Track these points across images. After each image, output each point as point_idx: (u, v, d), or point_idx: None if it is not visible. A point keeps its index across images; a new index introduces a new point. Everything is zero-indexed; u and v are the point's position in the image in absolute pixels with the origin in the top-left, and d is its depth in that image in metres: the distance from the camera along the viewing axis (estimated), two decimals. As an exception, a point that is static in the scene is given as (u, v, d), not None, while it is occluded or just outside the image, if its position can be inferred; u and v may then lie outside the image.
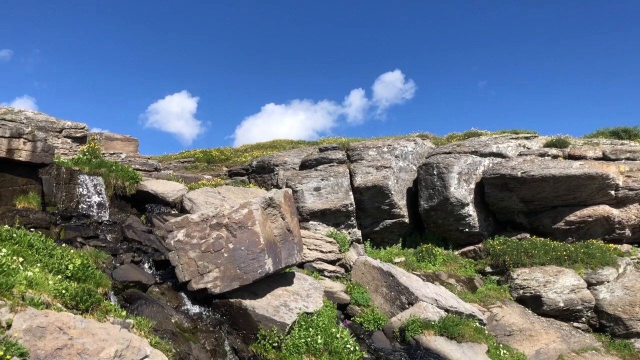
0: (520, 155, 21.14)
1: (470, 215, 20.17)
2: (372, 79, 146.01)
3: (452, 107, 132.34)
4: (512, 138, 22.64)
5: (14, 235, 9.40)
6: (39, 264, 8.61)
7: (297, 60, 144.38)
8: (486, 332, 14.49)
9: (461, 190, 20.11)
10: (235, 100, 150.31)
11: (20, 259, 8.33)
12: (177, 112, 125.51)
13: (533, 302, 17.25)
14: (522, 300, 17.41)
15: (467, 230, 20.41)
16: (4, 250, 8.28)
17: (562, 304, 16.99)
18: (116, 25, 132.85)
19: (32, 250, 9.16)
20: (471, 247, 20.42)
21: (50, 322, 5.95)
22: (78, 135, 21.95)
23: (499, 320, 16.08)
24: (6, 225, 9.88)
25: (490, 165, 20.79)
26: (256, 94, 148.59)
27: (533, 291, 17.27)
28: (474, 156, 20.97)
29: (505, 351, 13.99)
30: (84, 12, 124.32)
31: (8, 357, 5.10)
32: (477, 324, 14.46)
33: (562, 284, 17.22)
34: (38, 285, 7.56)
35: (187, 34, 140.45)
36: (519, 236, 20.08)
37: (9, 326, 5.97)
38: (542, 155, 20.70)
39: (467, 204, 20.11)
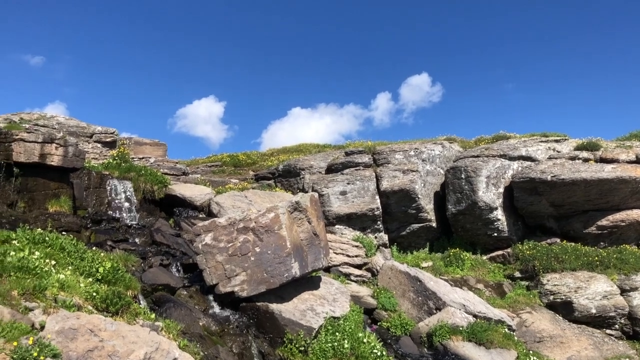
0: (550, 158, 20.77)
1: (498, 220, 19.90)
2: (398, 82, 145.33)
3: (480, 110, 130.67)
4: (541, 141, 22.26)
5: (47, 238, 9.60)
6: (70, 267, 8.77)
7: (323, 64, 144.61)
8: (515, 338, 14.25)
9: (490, 194, 19.86)
10: (261, 105, 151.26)
11: (53, 262, 8.51)
12: (204, 117, 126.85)
13: (564, 308, 16.91)
14: (552, 306, 17.08)
15: (495, 234, 20.14)
16: (37, 253, 8.46)
17: (594, 310, 16.62)
18: (145, 32, 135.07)
19: (64, 254, 9.34)
20: (500, 252, 20.14)
21: (82, 324, 6.05)
22: (108, 140, 22.35)
23: (528, 326, 15.82)
24: (39, 229, 10.09)
25: (520, 169, 20.49)
26: (282, 98, 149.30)
27: (564, 297, 16.94)
28: (502, 160, 20.69)
29: (535, 358, 13.74)
30: (113, 19, 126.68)
31: (42, 357, 5.20)
32: (506, 330, 14.24)
33: (594, 290, 16.86)
34: (70, 288, 7.70)
35: (215, 39, 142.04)
36: (548, 241, 19.72)
37: (42, 327, 6.10)
38: (572, 158, 20.31)
39: (496, 208, 19.85)
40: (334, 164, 22.13)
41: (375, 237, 20.52)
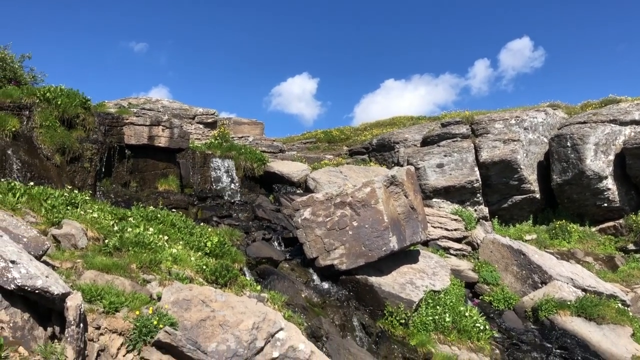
0: (668, 121, 19.12)
1: (609, 189, 18.69)
2: (497, 48, 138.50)
3: (587, 74, 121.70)
4: (658, 103, 20.51)
5: (158, 215, 10.26)
6: (181, 242, 9.34)
7: (417, 33, 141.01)
8: (630, 314, 13.41)
9: (598, 163, 18.66)
10: (354, 79, 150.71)
11: (165, 237, 9.09)
12: (298, 94, 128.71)
13: (686, 283, 15.69)
14: (672, 281, 15.90)
15: (605, 205, 18.95)
16: (151, 229, 9.07)
17: None
18: (240, 13, 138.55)
19: (175, 229, 9.95)
20: (610, 223, 18.95)
21: (194, 296, 6.43)
22: (209, 120, 23.34)
23: (645, 302, 14.82)
24: (151, 207, 10.79)
25: (632, 134, 19.04)
26: (375, 70, 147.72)
27: (686, 271, 15.70)
28: (612, 125, 19.30)
29: (653, 335, 12.87)
30: (210, 1, 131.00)
31: (161, 326, 5.61)
32: (620, 305, 13.43)
33: None
34: (181, 261, 8.21)
35: (308, 16, 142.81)
36: (667, 211, 18.28)
37: (159, 298, 6.56)
38: (695, 120, 18.56)
39: (605, 177, 18.63)
40: (429, 136, 21.70)
41: (475, 210, 19.99)
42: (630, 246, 17.63)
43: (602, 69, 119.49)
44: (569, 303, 12.60)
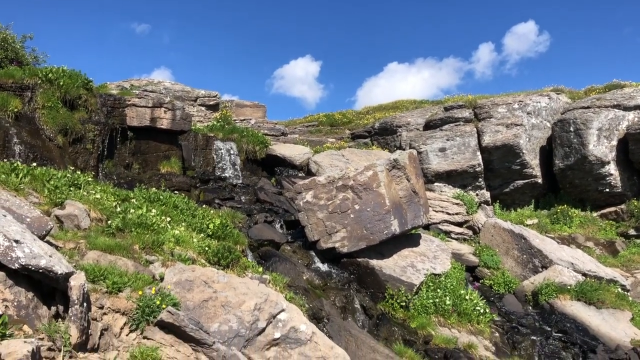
0: (672, 107, 19.02)
1: (611, 175, 18.67)
2: (502, 32, 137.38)
3: (591, 59, 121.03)
4: (662, 88, 20.38)
5: (161, 197, 10.28)
6: (183, 224, 9.36)
7: (421, 16, 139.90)
8: (630, 298, 13.49)
9: (601, 148, 18.61)
10: (357, 62, 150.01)
11: (168, 219, 9.11)
12: (301, 77, 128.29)
13: (686, 269, 15.73)
14: (672, 267, 15.94)
15: (607, 190, 18.95)
16: (153, 210, 9.09)
17: None
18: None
19: (177, 211, 9.97)
20: (612, 209, 18.97)
21: (197, 277, 6.47)
22: (211, 103, 23.28)
23: (645, 287, 14.89)
24: (153, 188, 10.81)
25: (636, 119, 18.96)
26: (378, 53, 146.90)
27: (686, 257, 15.74)
28: (616, 110, 19.21)
29: (653, 320, 12.94)
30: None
31: (164, 306, 5.65)
32: (619, 289, 13.51)
33: None
34: (184, 243, 8.25)
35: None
36: (669, 196, 18.27)
37: (161, 279, 6.60)
38: (699, 106, 18.46)
39: (608, 162, 18.60)
40: (432, 120, 21.63)
41: (477, 195, 20.00)
42: (631, 231, 17.67)
43: (608, 54, 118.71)
44: (569, 287, 12.67)
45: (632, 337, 11.47)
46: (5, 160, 9.59)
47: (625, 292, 13.69)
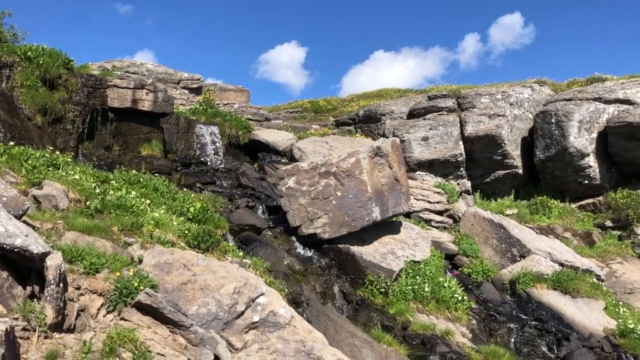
0: (651, 101, 19.27)
1: (590, 167, 18.92)
2: (488, 22, 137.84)
3: (575, 52, 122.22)
4: (642, 83, 20.64)
5: (141, 179, 10.17)
6: (163, 207, 9.29)
7: (408, 4, 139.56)
8: (604, 288, 13.76)
9: (581, 140, 18.84)
10: (343, 49, 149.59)
11: (148, 201, 9.03)
12: (286, 62, 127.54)
13: (660, 260, 16.04)
14: (646, 258, 16.25)
15: (586, 182, 19.21)
16: (133, 192, 9.01)
17: (693, 264, 15.66)
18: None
19: (157, 194, 9.89)
20: (590, 200, 19.25)
21: (176, 259, 6.43)
22: (194, 86, 23.03)
23: (619, 277, 15.17)
24: (134, 171, 10.69)
25: (616, 112, 19.19)
26: (365, 41, 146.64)
27: (660, 249, 16.05)
28: (597, 103, 19.43)
29: (625, 309, 13.20)
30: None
31: (142, 287, 5.61)
32: (594, 279, 13.76)
33: (695, 242, 15.82)
34: (164, 226, 8.18)
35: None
36: (645, 189, 18.57)
37: (140, 261, 6.55)
38: (678, 101, 18.74)
39: (588, 155, 18.84)
40: (415, 108, 21.67)
41: (458, 184, 20.14)
42: (608, 223, 17.95)
43: (591, 48, 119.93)
44: (546, 277, 12.86)
45: (604, 326, 11.71)
46: (-19, 138, 9.40)
47: (600, 282, 13.94)
